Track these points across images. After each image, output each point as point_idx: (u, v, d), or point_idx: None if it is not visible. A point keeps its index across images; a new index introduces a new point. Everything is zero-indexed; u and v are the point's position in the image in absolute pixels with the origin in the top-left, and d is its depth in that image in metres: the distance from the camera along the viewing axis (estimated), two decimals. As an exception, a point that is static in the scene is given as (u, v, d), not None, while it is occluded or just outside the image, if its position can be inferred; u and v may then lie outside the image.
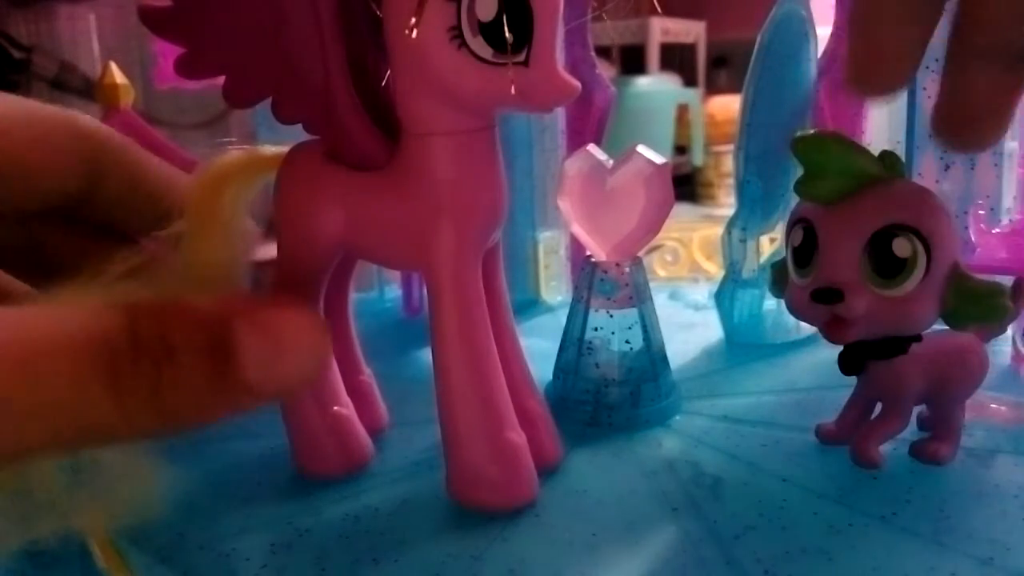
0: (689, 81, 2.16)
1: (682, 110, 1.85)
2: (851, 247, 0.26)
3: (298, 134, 0.28)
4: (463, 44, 0.23)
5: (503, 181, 0.27)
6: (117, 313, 0.19)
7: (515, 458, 0.27)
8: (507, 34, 0.23)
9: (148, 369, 0.19)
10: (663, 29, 2.22)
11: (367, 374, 0.34)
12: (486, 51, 0.23)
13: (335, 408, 0.30)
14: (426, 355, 0.28)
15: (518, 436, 0.28)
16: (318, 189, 0.28)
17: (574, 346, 0.36)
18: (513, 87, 0.24)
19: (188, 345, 0.20)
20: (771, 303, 0.45)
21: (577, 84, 0.24)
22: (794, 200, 0.29)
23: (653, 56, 2.21)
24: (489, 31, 0.23)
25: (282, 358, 0.21)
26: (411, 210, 0.26)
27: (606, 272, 0.35)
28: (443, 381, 0.27)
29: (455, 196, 0.26)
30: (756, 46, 0.42)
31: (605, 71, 0.52)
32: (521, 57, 0.24)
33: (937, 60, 0.23)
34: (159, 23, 0.25)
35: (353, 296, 0.33)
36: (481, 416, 0.27)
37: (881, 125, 0.47)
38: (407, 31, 0.23)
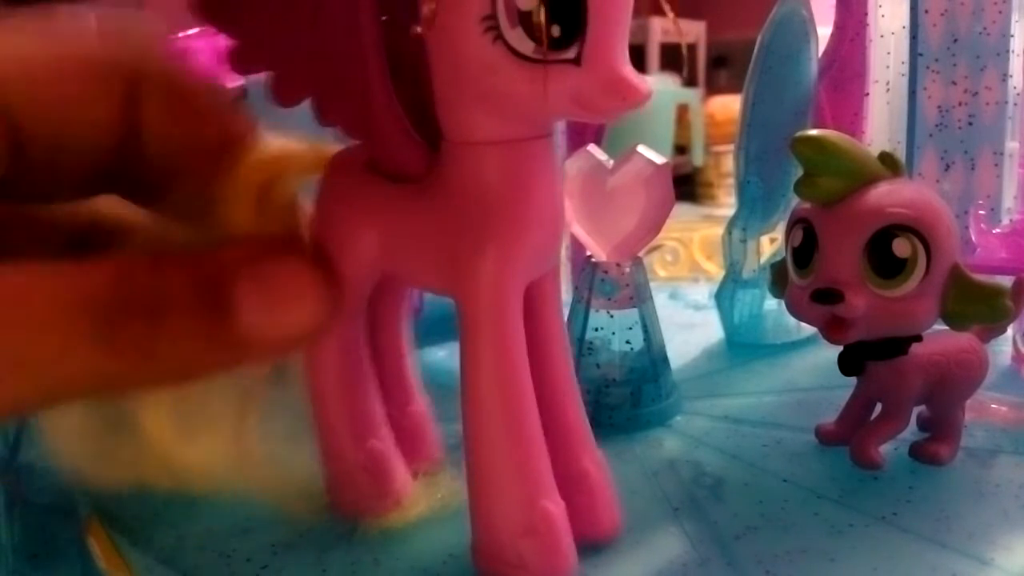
0: (689, 81, 2.16)
1: (682, 110, 1.85)
2: (851, 247, 0.26)
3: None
4: (499, 37, 0.20)
5: (559, 200, 0.23)
6: (109, 266, 0.19)
7: (550, 533, 0.23)
8: (547, 25, 0.19)
9: (141, 323, 0.19)
10: (663, 29, 2.22)
11: (419, 404, 0.30)
12: (526, 45, 0.20)
13: (370, 443, 0.27)
14: (426, 355, 0.28)
15: (555, 506, 0.23)
16: (353, 202, 0.25)
17: (575, 346, 0.36)
18: (565, 89, 0.20)
19: (183, 298, 0.19)
20: (771, 303, 0.45)
21: (645, 87, 0.20)
22: (794, 200, 0.29)
23: (653, 56, 2.21)
24: (531, 22, 0.19)
25: (280, 312, 0.20)
26: (447, 228, 0.23)
27: (606, 272, 0.35)
28: (471, 433, 0.23)
29: (498, 215, 0.22)
30: (756, 46, 0.42)
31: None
32: (570, 54, 0.20)
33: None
34: (213, 12, 0.23)
35: (407, 320, 0.29)
36: (512, 480, 0.23)
37: (881, 125, 0.47)
38: (424, 23, 0.21)
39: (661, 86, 1.82)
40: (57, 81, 0.21)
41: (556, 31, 0.19)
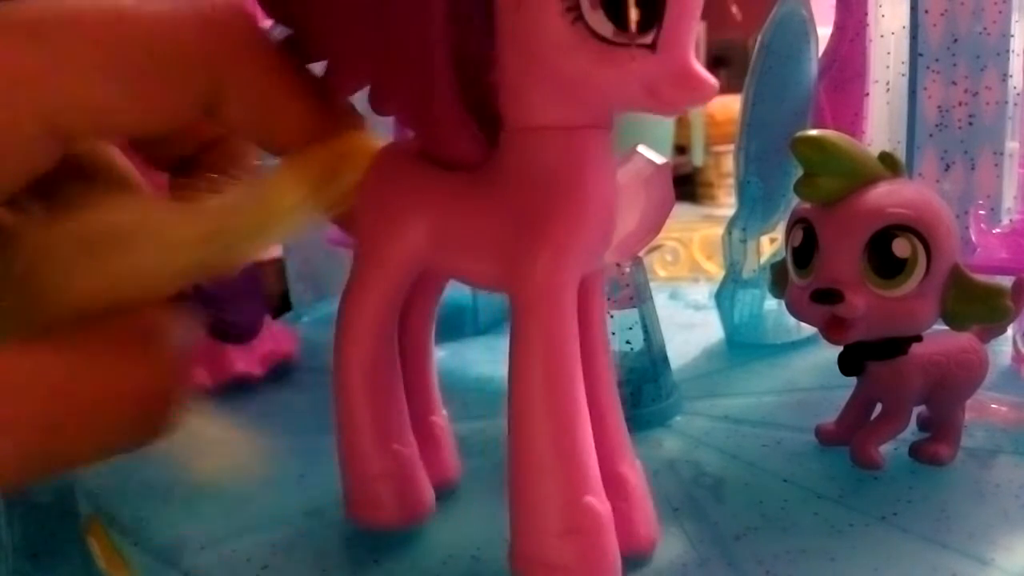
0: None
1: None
2: (851, 247, 0.26)
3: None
4: (579, 18, 0.19)
5: (614, 194, 0.23)
6: (154, 362, 0.20)
7: (594, 532, 0.22)
8: (629, 8, 0.19)
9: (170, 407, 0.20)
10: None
11: (440, 416, 0.29)
12: (606, 28, 0.19)
13: (395, 447, 0.26)
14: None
15: (601, 504, 0.22)
16: (403, 191, 0.24)
17: (574, 346, 0.36)
18: (638, 76, 0.20)
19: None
20: (772, 303, 0.45)
21: (713, 82, 0.20)
22: (794, 200, 0.29)
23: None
24: (611, 4, 0.19)
25: None
26: (503, 216, 0.22)
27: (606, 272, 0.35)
28: (517, 428, 0.22)
29: (557, 202, 0.22)
30: (756, 46, 0.42)
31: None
32: (648, 39, 0.19)
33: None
34: (271, 4, 0.23)
35: (434, 323, 0.28)
36: (558, 478, 0.22)
37: (881, 125, 0.47)
38: (507, 6, 0.20)
39: (661, 86, 1.81)
40: (131, 95, 0.19)
41: (636, 15, 0.19)
